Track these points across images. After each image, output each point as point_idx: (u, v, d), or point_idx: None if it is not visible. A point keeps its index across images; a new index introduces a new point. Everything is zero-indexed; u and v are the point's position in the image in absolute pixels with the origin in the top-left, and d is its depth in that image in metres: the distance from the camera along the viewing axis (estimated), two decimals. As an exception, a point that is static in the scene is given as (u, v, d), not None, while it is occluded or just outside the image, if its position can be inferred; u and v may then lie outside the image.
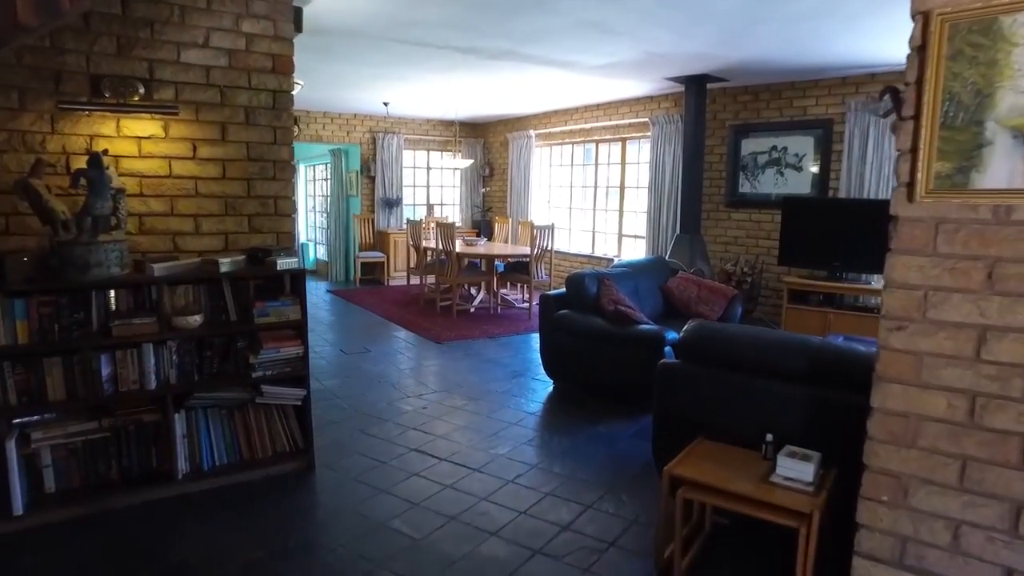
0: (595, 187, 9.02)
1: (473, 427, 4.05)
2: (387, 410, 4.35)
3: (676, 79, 6.58)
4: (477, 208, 11.08)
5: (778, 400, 2.52)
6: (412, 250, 8.60)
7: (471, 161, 8.35)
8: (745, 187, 7.03)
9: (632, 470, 3.47)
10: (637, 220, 8.48)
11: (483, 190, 11.10)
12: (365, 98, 8.55)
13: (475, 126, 11.01)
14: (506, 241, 9.02)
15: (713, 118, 7.07)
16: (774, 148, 6.75)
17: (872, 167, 5.89)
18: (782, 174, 6.73)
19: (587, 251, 9.11)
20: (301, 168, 12.71)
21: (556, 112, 9.22)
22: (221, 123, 3.29)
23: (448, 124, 10.68)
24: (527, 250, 7.59)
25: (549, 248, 7.46)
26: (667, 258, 6.65)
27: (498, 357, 5.80)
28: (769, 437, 2.39)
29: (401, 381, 5.02)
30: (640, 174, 8.41)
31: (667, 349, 4.17)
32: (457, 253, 7.42)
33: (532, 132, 9.61)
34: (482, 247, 8.14)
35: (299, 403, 3.30)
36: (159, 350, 2.96)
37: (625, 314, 4.31)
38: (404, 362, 5.62)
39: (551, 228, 7.41)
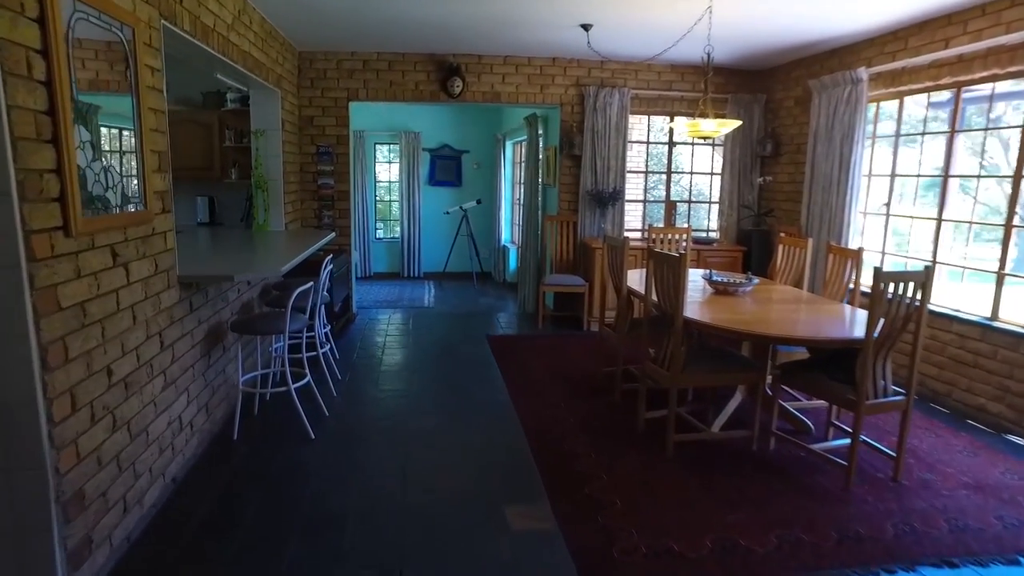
0: (1014, 179, 4.20)
1: None
2: None
3: None
4: (748, 211, 6.73)
5: None
6: (613, 290, 4.69)
7: (736, 123, 4.13)
8: None
9: None
10: None
11: (759, 180, 6.70)
12: (552, 19, 4.86)
13: (748, 74, 6.65)
14: (798, 282, 4.61)
15: None
16: None
17: None
18: None
19: (981, 313, 4.34)
20: (508, 146, 9.49)
21: (912, 26, 4.54)
22: None
23: (703, 70, 6.50)
24: (846, 318, 3.29)
25: (911, 312, 3.05)
26: None
27: None
28: None
29: None
30: None
31: None
32: (687, 320, 3.39)
33: (863, 72, 5.03)
34: (748, 298, 3.98)
35: None
36: None
37: None
38: None
39: (926, 277, 3.00)
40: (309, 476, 3.26)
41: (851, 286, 4.04)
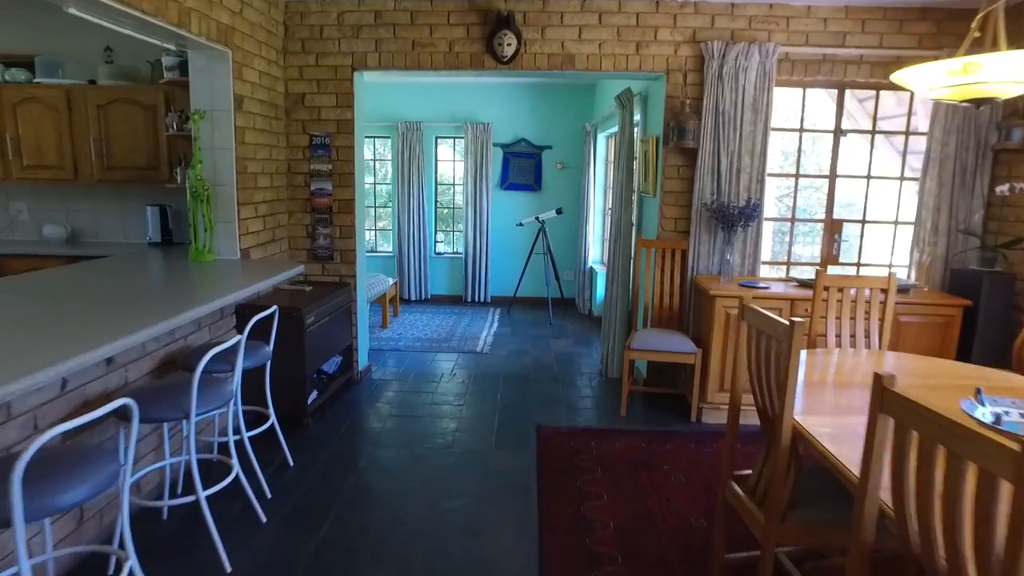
0: None
1: None
2: None
3: None
4: (970, 240, 4.19)
5: None
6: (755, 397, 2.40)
7: None
8: None
9: None
10: None
11: (1001, 190, 4.12)
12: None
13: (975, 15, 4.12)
14: None
15: None
16: None
17: None
18: None
19: None
20: (600, 140, 7.34)
21: None
22: None
23: (919, 9, 4.06)
24: None
25: None
26: None
27: None
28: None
29: None
30: None
31: None
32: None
33: None
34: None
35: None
36: None
37: None
38: None
39: None
40: None
41: None
